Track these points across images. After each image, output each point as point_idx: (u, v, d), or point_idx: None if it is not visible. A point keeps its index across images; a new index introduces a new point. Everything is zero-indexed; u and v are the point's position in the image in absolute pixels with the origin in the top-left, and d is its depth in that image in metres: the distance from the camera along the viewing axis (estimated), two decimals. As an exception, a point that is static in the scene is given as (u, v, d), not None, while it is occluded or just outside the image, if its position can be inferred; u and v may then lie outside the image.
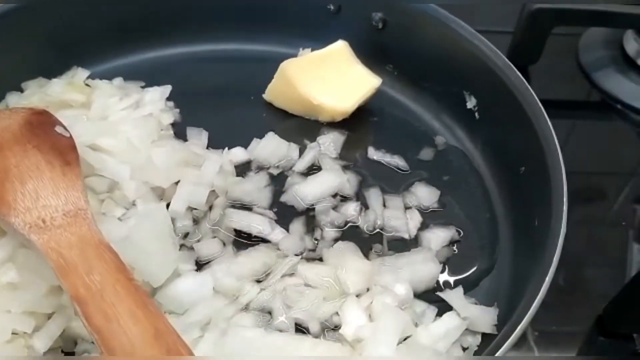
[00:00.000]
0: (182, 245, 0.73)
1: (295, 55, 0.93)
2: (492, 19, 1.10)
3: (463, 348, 0.67)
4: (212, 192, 0.78)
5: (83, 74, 0.89)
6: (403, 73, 0.96)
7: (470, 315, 0.67)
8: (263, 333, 0.63)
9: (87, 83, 0.89)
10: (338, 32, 0.92)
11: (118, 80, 0.91)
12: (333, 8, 0.94)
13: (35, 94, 0.86)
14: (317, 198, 0.80)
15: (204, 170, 0.78)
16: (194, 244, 0.73)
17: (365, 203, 0.80)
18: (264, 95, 0.93)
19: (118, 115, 0.84)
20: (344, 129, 0.90)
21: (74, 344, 0.65)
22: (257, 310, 0.68)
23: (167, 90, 0.89)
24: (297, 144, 0.86)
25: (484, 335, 0.68)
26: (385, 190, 0.82)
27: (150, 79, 0.92)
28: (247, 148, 0.86)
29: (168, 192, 0.77)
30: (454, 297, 0.69)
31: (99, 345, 0.49)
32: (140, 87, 0.91)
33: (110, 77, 0.92)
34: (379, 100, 0.92)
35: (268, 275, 0.71)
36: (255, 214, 0.77)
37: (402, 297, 0.68)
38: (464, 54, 0.85)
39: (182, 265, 0.70)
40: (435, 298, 0.71)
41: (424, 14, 0.88)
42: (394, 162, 0.86)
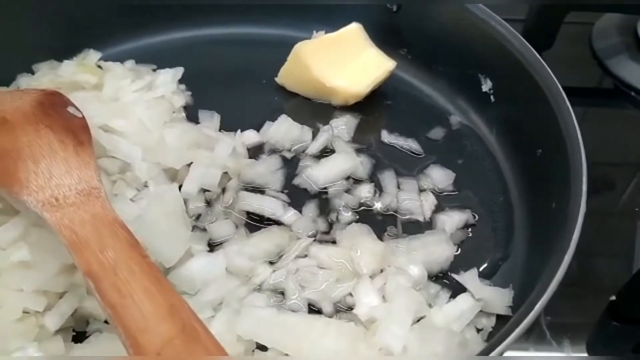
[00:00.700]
0: (194, 227, 0.73)
1: (308, 39, 0.92)
2: (503, 6, 1.09)
3: (477, 329, 0.66)
4: (224, 174, 0.77)
5: (95, 56, 0.89)
6: (417, 56, 0.95)
7: (485, 297, 0.67)
8: (276, 312, 0.63)
9: (98, 65, 0.89)
10: (351, 15, 0.91)
11: (130, 63, 0.90)
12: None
13: (46, 76, 0.86)
14: (330, 181, 0.79)
15: (217, 152, 0.78)
16: (207, 225, 0.72)
17: (379, 186, 0.79)
18: (276, 79, 0.92)
19: (130, 97, 0.83)
20: (357, 113, 0.89)
21: (86, 324, 0.64)
22: (269, 291, 0.67)
23: (179, 73, 0.88)
24: (309, 127, 0.85)
25: (499, 317, 0.67)
26: (400, 173, 0.81)
27: (162, 62, 0.92)
28: (259, 131, 0.85)
29: (180, 173, 0.76)
30: (469, 278, 0.69)
31: (113, 321, 0.49)
32: (152, 70, 0.90)
33: (122, 59, 0.92)
34: (393, 84, 0.91)
35: (281, 257, 0.70)
36: (268, 197, 0.77)
37: (416, 278, 0.67)
38: (481, 36, 0.84)
39: (194, 246, 0.69)
40: (449, 280, 0.70)
41: (439, -4, 0.87)
42: (408, 145, 0.85)
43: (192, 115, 0.86)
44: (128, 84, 0.85)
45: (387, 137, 0.86)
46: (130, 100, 0.82)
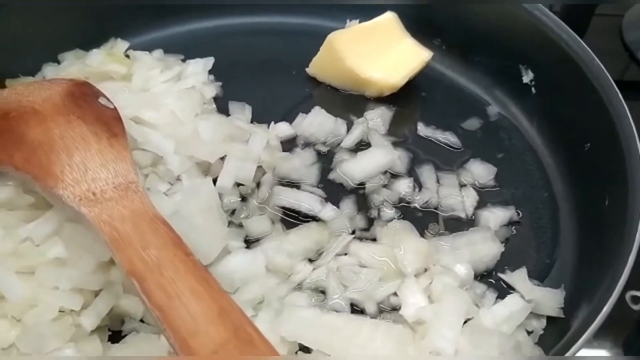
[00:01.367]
0: (230, 223, 0.70)
1: (341, 28, 0.89)
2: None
3: (527, 332, 0.63)
4: (259, 168, 0.75)
5: (123, 45, 0.87)
6: (451, 47, 0.92)
7: (535, 298, 0.64)
8: (319, 313, 0.60)
9: (126, 54, 0.86)
10: (384, 4, 0.88)
11: (158, 52, 0.87)
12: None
13: (73, 65, 0.84)
14: (367, 176, 0.76)
15: (251, 146, 0.75)
16: (243, 221, 0.70)
17: (417, 181, 0.77)
18: (308, 69, 0.90)
19: (160, 88, 0.81)
20: (391, 104, 0.86)
21: (121, 323, 0.62)
22: (310, 290, 0.65)
23: (209, 63, 0.86)
24: (343, 120, 0.83)
25: (549, 320, 0.64)
26: (438, 167, 0.78)
27: (190, 52, 0.90)
28: (291, 123, 0.82)
29: (213, 167, 0.74)
30: (518, 278, 0.66)
31: (162, 323, 0.46)
32: (180, 60, 0.88)
33: (149, 49, 0.89)
34: (427, 76, 0.89)
35: (320, 255, 0.68)
36: (304, 192, 0.74)
37: (462, 277, 0.65)
38: (522, 25, 0.81)
39: (231, 242, 0.67)
40: (495, 280, 0.68)
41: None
42: (445, 138, 0.82)
43: (222, 107, 0.83)
44: (157, 74, 0.82)
45: (423, 130, 0.83)
46: (160, 91, 0.80)
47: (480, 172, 0.77)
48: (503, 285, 0.67)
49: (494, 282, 0.68)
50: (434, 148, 0.81)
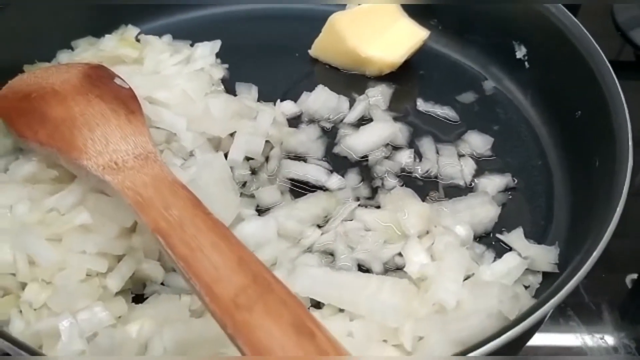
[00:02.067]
0: (241, 194, 0.74)
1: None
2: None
3: (525, 287, 0.67)
4: (267, 143, 0.79)
5: (133, 31, 0.90)
6: (447, 27, 0.96)
7: (531, 255, 0.68)
8: (329, 271, 0.64)
9: (137, 39, 0.90)
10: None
11: (167, 38, 0.91)
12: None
13: (87, 51, 0.87)
14: (370, 148, 0.80)
15: (259, 122, 0.79)
16: (255, 191, 0.74)
17: (418, 152, 0.81)
18: (310, 51, 0.94)
19: (170, 70, 0.85)
20: (391, 82, 0.90)
21: (143, 286, 0.66)
22: (319, 252, 0.69)
23: (217, 46, 0.90)
24: (346, 97, 0.87)
25: (545, 275, 0.68)
26: (438, 139, 0.82)
27: (196, 37, 0.93)
28: (296, 102, 0.86)
29: (223, 143, 0.78)
30: (515, 238, 0.70)
31: (186, 272, 0.50)
32: (189, 45, 0.92)
33: (158, 35, 0.92)
34: (424, 55, 0.93)
35: (327, 221, 0.72)
36: (311, 164, 0.78)
37: (463, 238, 0.69)
38: (515, 4, 0.85)
39: (244, 210, 0.71)
40: (493, 241, 0.72)
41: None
42: (444, 112, 0.86)
43: (229, 88, 0.87)
44: (167, 58, 0.86)
45: (422, 105, 0.87)
46: (171, 73, 0.84)
47: (478, 142, 0.81)
48: (501, 246, 0.71)
49: (493, 243, 0.72)
50: (433, 122, 0.85)
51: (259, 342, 0.44)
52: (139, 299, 0.65)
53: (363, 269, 0.68)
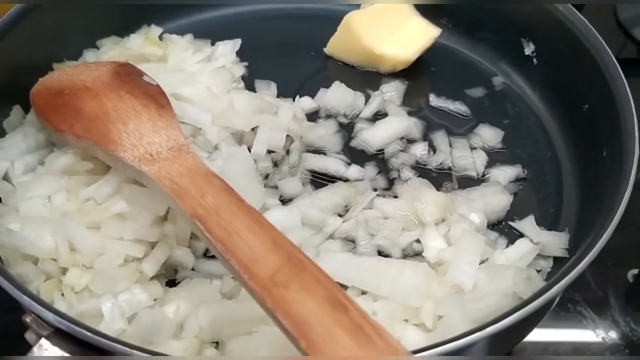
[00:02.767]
0: (265, 185, 0.78)
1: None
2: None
3: (537, 271, 0.71)
4: (287, 137, 0.82)
5: (157, 31, 0.94)
6: (457, 25, 0.99)
7: (542, 241, 0.72)
8: (352, 256, 0.68)
9: (160, 38, 0.93)
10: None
11: (188, 37, 0.95)
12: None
13: (112, 50, 0.91)
14: (386, 141, 0.84)
15: (280, 116, 0.83)
16: (278, 182, 0.77)
17: (432, 145, 0.84)
18: (325, 49, 0.97)
19: (194, 68, 0.88)
20: (404, 79, 0.94)
21: (175, 272, 0.70)
22: (341, 239, 0.72)
23: (237, 44, 0.93)
24: (361, 93, 0.90)
25: (556, 260, 0.72)
26: (451, 133, 0.86)
27: (216, 37, 0.97)
28: (313, 97, 0.89)
29: (246, 137, 0.82)
30: (526, 225, 0.74)
31: (225, 254, 0.53)
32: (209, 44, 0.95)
33: (179, 34, 0.96)
34: (436, 52, 0.96)
35: (348, 210, 0.75)
36: (330, 157, 0.82)
37: (477, 225, 0.73)
38: (522, 2, 0.88)
39: (269, 200, 0.74)
40: (506, 229, 0.75)
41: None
42: (456, 107, 0.90)
43: (248, 85, 0.91)
44: (190, 56, 0.90)
45: (435, 100, 0.91)
46: (194, 71, 0.87)
47: (489, 135, 0.85)
48: (513, 233, 0.75)
49: (505, 230, 0.75)
50: (446, 116, 0.89)
51: (297, 314, 0.48)
52: (171, 284, 0.68)
53: (382, 255, 0.72)
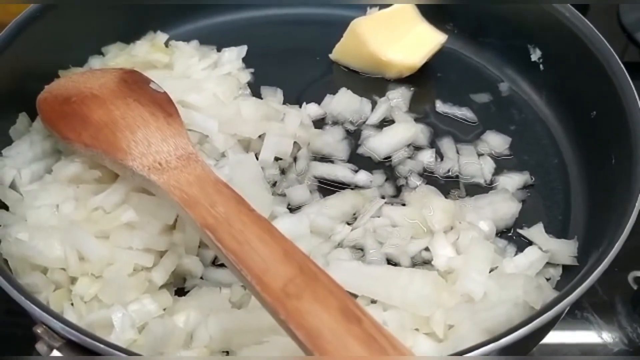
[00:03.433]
0: (272, 193, 0.78)
1: (359, 16, 0.96)
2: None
3: (546, 279, 0.71)
4: (294, 144, 0.82)
5: (163, 37, 0.94)
6: (463, 30, 0.99)
7: (551, 249, 0.72)
8: (361, 265, 0.68)
9: (166, 45, 0.93)
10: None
11: (194, 43, 0.95)
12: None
13: (118, 57, 0.91)
14: (393, 149, 0.84)
15: (287, 123, 0.83)
16: (286, 190, 0.77)
17: (439, 152, 0.84)
18: (331, 55, 0.97)
19: (200, 75, 0.88)
20: (410, 85, 0.93)
21: (183, 281, 0.69)
22: (349, 247, 0.72)
23: (243, 51, 0.93)
24: (367, 99, 0.90)
25: (565, 268, 0.72)
26: (458, 139, 0.85)
27: (221, 43, 0.96)
28: (320, 104, 0.89)
29: (253, 144, 0.81)
30: (535, 232, 0.74)
31: (237, 264, 0.53)
32: (214, 50, 0.95)
33: (184, 41, 0.96)
34: (442, 58, 0.96)
35: (356, 218, 0.75)
36: (337, 164, 0.82)
37: (486, 233, 0.72)
38: (528, 7, 0.89)
39: (276, 208, 0.74)
40: (514, 236, 0.75)
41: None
42: (462, 114, 0.90)
43: (254, 92, 0.91)
44: (196, 63, 0.89)
45: (441, 107, 0.90)
46: (201, 78, 0.87)
47: (496, 142, 0.85)
48: (522, 240, 0.75)
49: (514, 238, 0.75)
50: (452, 123, 0.89)
51: (311, 326, 0.48)
52: (180, 293, 0.68)
53: (392, 263, 0.72)
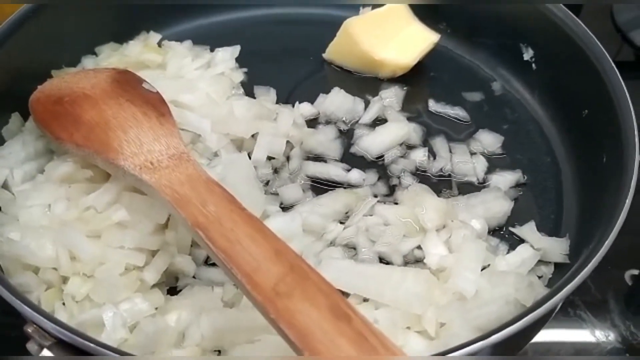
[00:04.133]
0: (265, 192, 0.78)
1: (351, 16, 0.96)
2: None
3: (538, 277, 0.71)
4: (287, 143, 0.82)
5: (156, 37, 0.94)
6: (456, 30, 0.99)
7: (543, 247, 0.72)
8: (353, 263, 0.68)
9: (159, 45, 0.93)
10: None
11: (187, 43, 0.95)
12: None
13: (110, 57, 0.91)
14: (386, 147, 0.84)
15: (280, 123, 0.83)
16: (278, 189, 0.77)
17: (432, 151, 0.84)
18: (324, 55, 0.97)
19: (193, 74, 0.88)
20: (403, 84, 0.93)
21: (176, 280, 0.69)
22: (342, 246, 0.72)
23: (236, 50, 0.93)
24: (360, 99, 0.90)
25: (556, 266, 0.72)
26: (450, 138, 0.86)
27: (215, 43, 0.96)
28: (313, 103, 0.89)
29: (246, 143, 0.81)
30: (527, 230, 0.74)
31: (228, 263, 0.53)
32: (207, 50, 0.95)
33: (177, 41, 0.96)
34: (435, 57, 0.96)
35: (349, 216, 0.75)
36: (330, 163, 0.82)
37: (478, 231, 0.72)
38: (520, 7, 0.89)
39: (269, 207, 0.74)
40: (506, 234, 0.75)
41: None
42: (455, 113, 0.90)
43: (248, 91, 0.91)
44: (189, 62, 0.90)
45: (434, 106, 0.91)
46: (194, 77, 0.87)
47: (489, 141, 0.85)
48: (514, 238, 0.75)
49: (506, 236, 0.75)
50: (445, 122, 0.89)
51: (301, 325, 0.48)
52: (172, 292, 0.68)
53: (384, 262, 0.72)
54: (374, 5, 0.95)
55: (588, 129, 0.79)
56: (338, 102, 0.89)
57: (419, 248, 0.72)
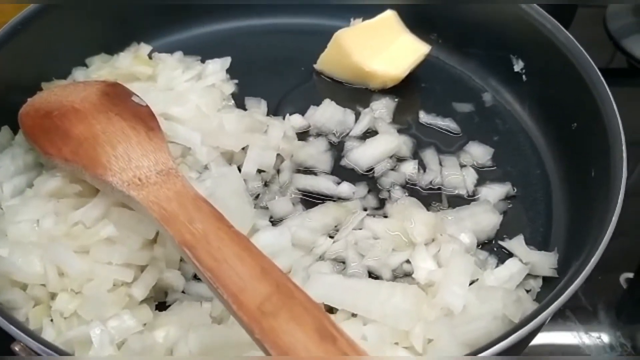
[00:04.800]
0: (255, 205, 0.78)
1: (343, 27, 0.96)
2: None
3: (526, 291, 0.71)
4: (278, 156, 0.82)
5: (146, 49, 0.94)
6: (447, 41, 0.99)
7: (532, 260, 0.72)
8: (342, 278, 0.68)
9: (149, 57, 0.93)
10: (384, 4, 0.96)
11: (178, 54, 0.95)
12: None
13: (101, 69, 0.91)
14: (376, 160, 0.84)
15: (270, 136, 0.83)
16: (268, 202, 0.77)
17: (422, 164, 0.84)
18: (315, 65, 0.97)
19: (183, 86, 0.88)
20: (394, 96, 0.94)
21: (165, 295, 0.69)
22: (331, 260, 0.72)
23: (227, 62, 0.93)
24: (351, 110, 0.90)
25: (545, 280, 0.72)
26: (440, 151, 0.86)
27: (206, 53, 0.97)
28: (304, 115, 0.89)
29: (236, 156, 0.81)
30: (516, 244, 0.74)
31: (214, 282, 0.53)
32: (198, 60, 0.95)
33: (168, 52, 0.96)
34: (425, 69, 0.96)
35: (338, 230, 0.75)
36: (320, 177, 0.82)
37: (467, 245, 0.73)
38: (511, 19, 0.89)
39: (259, 221, 0.74)
40: (495, 248, 0.76)
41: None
42: (445, 125, 0.90)
43: (239, 103, 0.91)
44: (180, 74, 0.90)
45: (425, 117, 0.91)
46: (184, 89, 0.87)
47: (479, 153, 0.85)
48: (503, 252, 0.75)
49: (495, 249, 0.76)
50: (435, 133, 0.89)
51: (286, 345, 0.48)
52: (162, 307, 0.68)
53: (373, 276, 0.72)
54: (365, 17, 0.95)
55: (577, 142, 0.80)
56: (328, 114, 0.89)
57: (408, 262, 0.72)
